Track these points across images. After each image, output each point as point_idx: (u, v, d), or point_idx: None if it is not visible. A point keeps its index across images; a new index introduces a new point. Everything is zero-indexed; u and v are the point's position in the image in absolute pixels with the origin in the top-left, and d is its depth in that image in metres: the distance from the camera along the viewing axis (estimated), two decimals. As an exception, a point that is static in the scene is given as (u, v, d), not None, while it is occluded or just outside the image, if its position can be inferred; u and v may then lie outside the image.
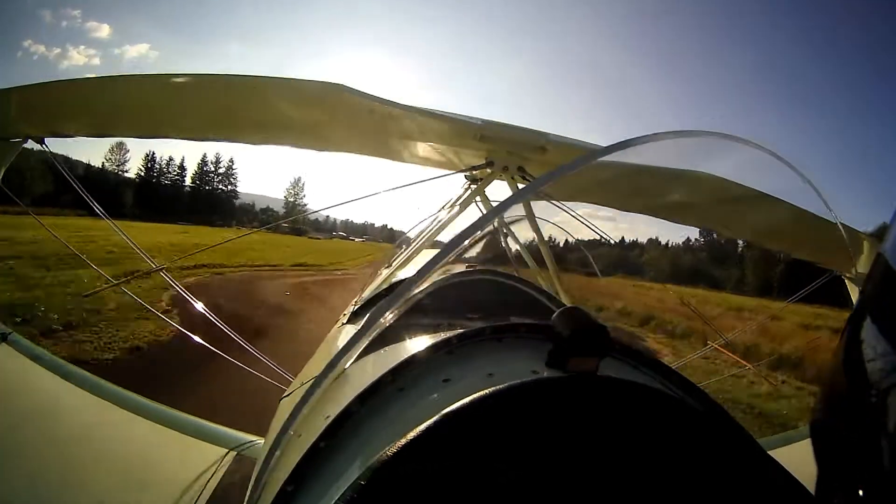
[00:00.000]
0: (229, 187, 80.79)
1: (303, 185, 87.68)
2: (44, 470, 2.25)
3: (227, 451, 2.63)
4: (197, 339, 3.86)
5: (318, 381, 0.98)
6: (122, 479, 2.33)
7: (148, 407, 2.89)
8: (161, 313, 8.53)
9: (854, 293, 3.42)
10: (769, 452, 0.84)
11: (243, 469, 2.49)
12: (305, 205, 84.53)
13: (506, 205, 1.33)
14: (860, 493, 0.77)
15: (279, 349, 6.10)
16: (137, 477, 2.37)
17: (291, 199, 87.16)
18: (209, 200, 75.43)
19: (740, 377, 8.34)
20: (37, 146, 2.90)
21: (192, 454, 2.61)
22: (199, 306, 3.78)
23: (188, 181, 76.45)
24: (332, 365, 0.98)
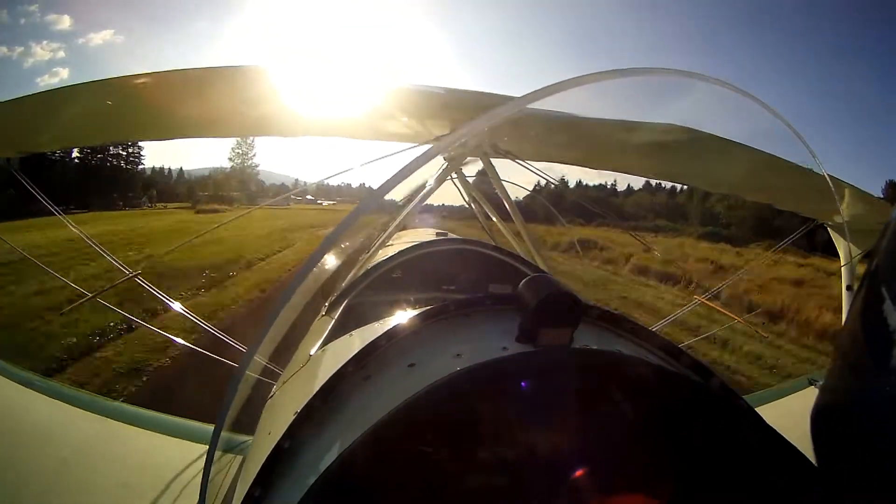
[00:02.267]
0: (127, 155, 54.10)
1: (251, 142, 65.29)
2: (45, 492, 2.24)
3: (221, 453, 2.61)
4: (180, 341, 3.82)
5: (285, 376, 0.93)
6: (122, 490, 2.33)
7: (143, 416, 2.90)
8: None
9: (837, 241, 3.43)
10: (756, 409, 0.81)
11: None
12: (256, 165, 70.74)
13: (456, 159, 1.25)
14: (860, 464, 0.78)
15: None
16: (137, 486, 2.36)
17: (238, 163, 70.41)
18: (103, 175, 49.89)
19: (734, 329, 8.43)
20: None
21: (190, 458, 2.61)
22: (181, 308, 3.73)
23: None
24: (300, 359, 0.93)
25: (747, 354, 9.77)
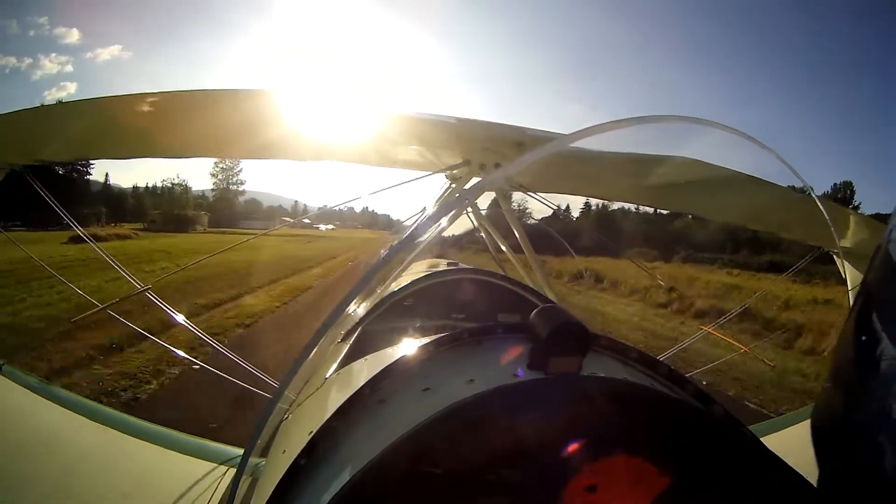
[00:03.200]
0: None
1: (236, 160, 60.01)
2: (45, 499, 2.24)
3: (226, 469, 2.61)
4: (183, 354, 3.83)
5: (297, 394, 0.96)
6: (123, 501, 2.32)
7: (147, 429, 2.88)
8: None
9: (843, 267, 3.44)
10: (761, 439, 0.82)
11: (244, 487, 2.46)
12: (242, 183, 67.21)
13: (472, 192, 1.30)
14: (861, 484, 0.78)
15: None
16: (138, 499, 2.35)
17: (220, 179, 66.80)
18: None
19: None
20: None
21: (192, 473, 2.60)
22: (188, 324, 3.75)
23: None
24: (315, 383, 0.96)
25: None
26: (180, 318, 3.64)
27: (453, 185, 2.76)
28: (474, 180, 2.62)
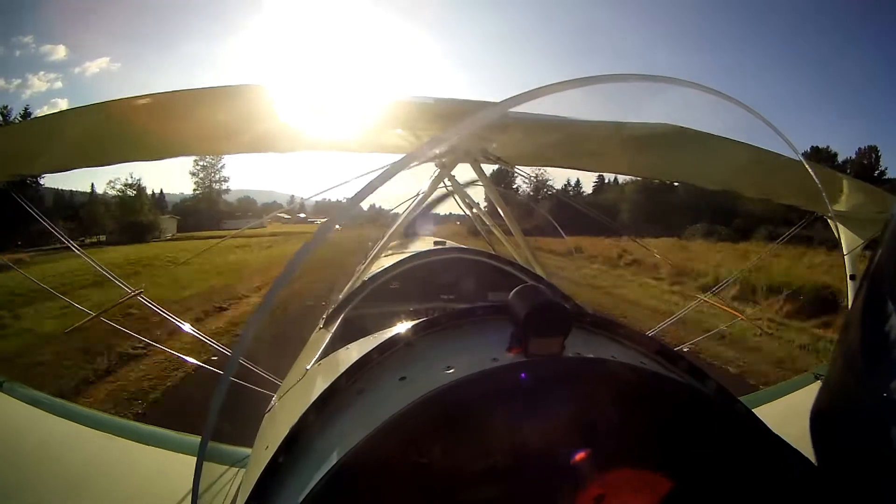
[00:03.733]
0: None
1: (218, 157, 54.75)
2: None
3: (237, 471, 2.63)
4: (190, 359, 3.83)
5: (282, 390, 0.94)
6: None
7: (150, 433, 2.90)
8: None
9: (838, 231, 3.43)
10: (762, 406, 0.81)
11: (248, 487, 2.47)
12: (226, 180, 61.44)
13: (416, 155, 1.24)
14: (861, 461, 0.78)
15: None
16: (139, 502, 2.35)
17: (202, 178, 59.49)
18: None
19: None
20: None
21: (200, 475, 2.60)
22: (187, 327, 3.74)
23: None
24: (297, 372, 0.94)
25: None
26: (187, 327, 3.64)
27: (439, 169, 2.73)
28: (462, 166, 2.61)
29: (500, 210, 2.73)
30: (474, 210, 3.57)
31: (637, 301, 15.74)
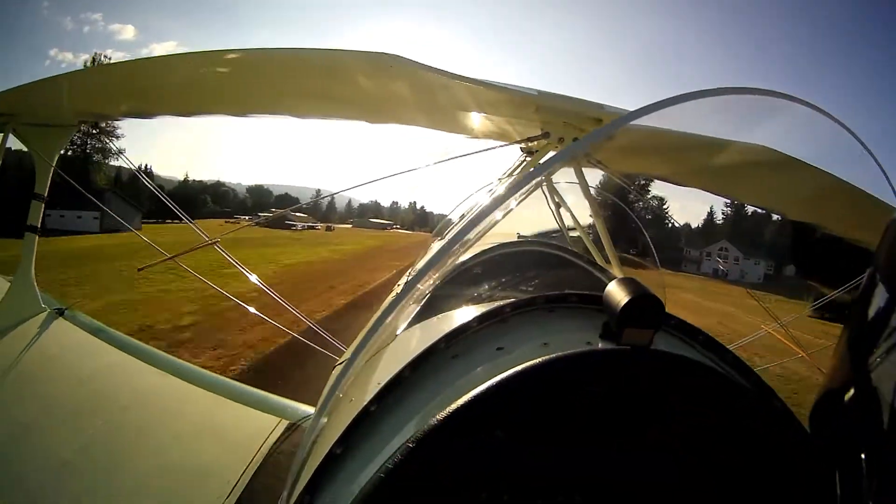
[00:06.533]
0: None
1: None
2: (101, 433, 2.38)
3: (279, 420, 2.71)
4: (252, 310, 3.99)
5: (367, 348, 0.98)
6: (175, 443, 2.44)
7: (205, 377, 3.02)
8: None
9: None
10: None
11: (295, 437, 2.56)
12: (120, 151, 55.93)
13: (549, 163, 1.30)
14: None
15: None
16: (190, 442, 2.48)
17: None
18: None
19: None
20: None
21: (246, 423, 2.70)
22: (256, 279, 3.89)
23: None
24: (382, 333, 0.98)
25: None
26: (256, 279, 3.78)
27: (528, 159, 2.68)
28: (550, 154, 2.53)
29: (591, 213, 2.67)
30: (562, 209, 3.52)
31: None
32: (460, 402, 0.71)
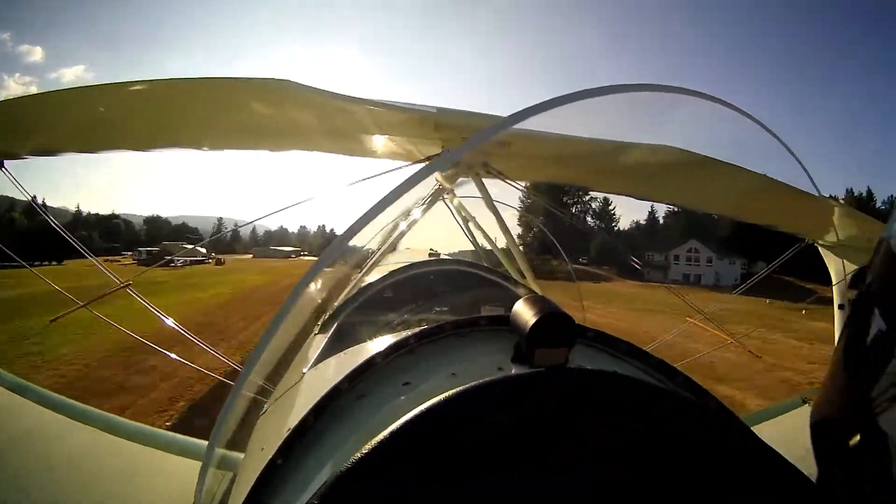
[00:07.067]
0: None
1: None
2: (26, 498, 2.21)
3: (219, 472, 2.59)
4: (174, 356, 3.79)
5: (277, 393, 0.94)
6: (108, 501, 2.30)
7: (138, 430, 2.87)
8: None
9: (828, 260, 3.42)
10: (752, 428, 0.81)
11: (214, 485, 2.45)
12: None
13: (428, 170, 1.25)
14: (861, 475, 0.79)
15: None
16: (122, 498, 2.33)
17: None
18: None
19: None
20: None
21: (179, 472, 2.58)
22: (172, 323, 3.72)
23: None
24: (293, 376, 0.94)
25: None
26: (172, 322, 3.61)
27: (433, 176, 2.71)
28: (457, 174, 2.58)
29: (498, 225, 2.71)
30: (470, 224, 3.56)
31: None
32: (363, 451, 0.67)
